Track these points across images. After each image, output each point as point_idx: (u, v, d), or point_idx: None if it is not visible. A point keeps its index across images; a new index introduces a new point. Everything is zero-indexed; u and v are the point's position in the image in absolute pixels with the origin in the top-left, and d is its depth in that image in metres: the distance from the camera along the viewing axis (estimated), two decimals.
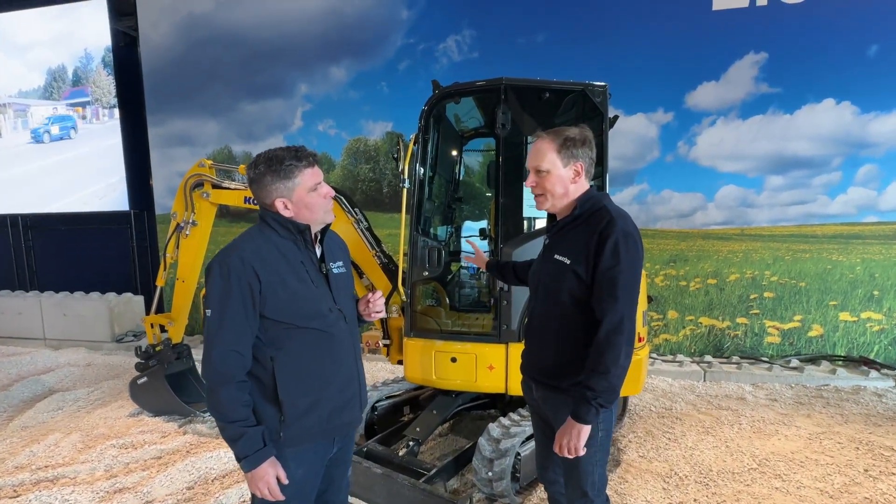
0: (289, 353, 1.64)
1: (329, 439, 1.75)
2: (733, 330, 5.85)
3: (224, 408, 1.55)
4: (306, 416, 1.66)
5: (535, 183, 1.82)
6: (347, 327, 1.77)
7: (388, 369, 5.69)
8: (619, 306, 1.64)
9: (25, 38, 8.34)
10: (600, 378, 1.63)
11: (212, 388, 1.57)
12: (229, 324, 1.55)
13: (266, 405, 1.63)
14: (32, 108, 8.50)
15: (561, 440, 1.71)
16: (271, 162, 1.62)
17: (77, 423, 4.38)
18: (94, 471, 3.47)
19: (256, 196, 1.69)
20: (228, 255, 1.58)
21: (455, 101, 3.65)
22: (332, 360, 1.72)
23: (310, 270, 1.69)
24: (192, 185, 4.24)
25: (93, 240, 8.75)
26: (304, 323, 1.64)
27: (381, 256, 3.90)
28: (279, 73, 7.26)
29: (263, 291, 1.57)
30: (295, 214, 1.67)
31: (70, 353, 6.91)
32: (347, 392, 1.77)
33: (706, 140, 5.86)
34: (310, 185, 1.65)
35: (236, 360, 1.57)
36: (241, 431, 1.55)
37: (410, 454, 3.11)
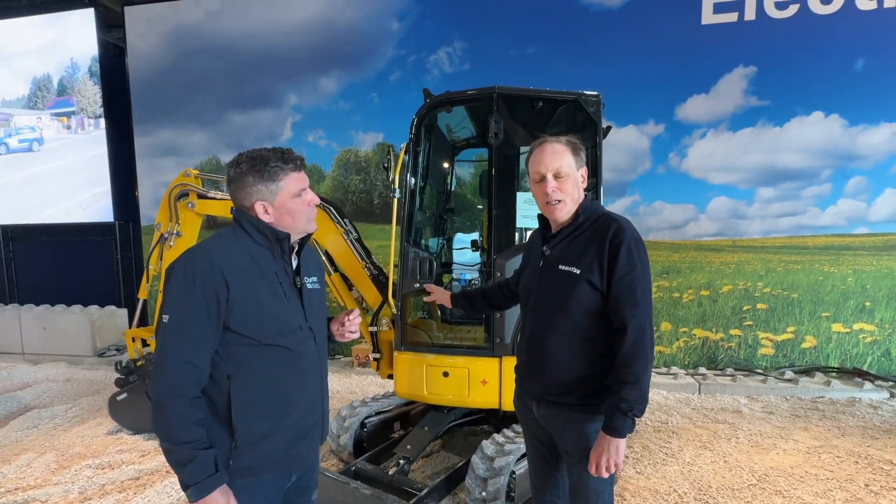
0: (249, 372, 1.47)
1: (285, 471, 1.58)
2: (727, 342, 5.81)
3: (173, 427, 1.37)
4: (261, 445, 1.48)
5: (556, 188, 1.72)
6: (317, 348, 1.62)
7: (378, 383, 5.56)
8: (640, 312, 1.62)
9: (12, 48, 8.22)
10: (632, 388, 1.58)
11: (161, 403, 1.38)
12: (189, 332, 1.39)
13: (217, 429, 1.45)
14: (15, 118, 8.35)
15: (598, 459, 1.62)
16: (255, 162, 1.49)
17: (52, 441, 4.20)
18: (67, 493, 3.30)
19: (234, 197, 1.55)
20: (195, 257, 1.44)
21: (447, 110, 3.60)
22: (296, 383, 1.55)
23: (283, 283, 1.54)
24: (176, 195, 4.14)
25: (76, 251, 8.55)
26: (272, 340, 1.49)
27: (371, 268, 3.82)
28: (268, 83, 7.20)
29: (231, 300, 1.42)
30: (275, 220, 1.53)
31: (49, 368, 6.69)
32: (309, 420, 1.60)
33: (697, 152, 5.88)
34: (294, 191, 1.53)
35: (192, 373, 1.40)
36: (191, 454, 1.36)
37: (401, 473, 2.99)
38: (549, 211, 1.77)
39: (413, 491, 2.77)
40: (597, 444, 1.64)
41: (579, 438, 1.73)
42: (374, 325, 3.74)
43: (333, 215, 3.87)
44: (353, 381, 5.74)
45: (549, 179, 1.72)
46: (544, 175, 1.73)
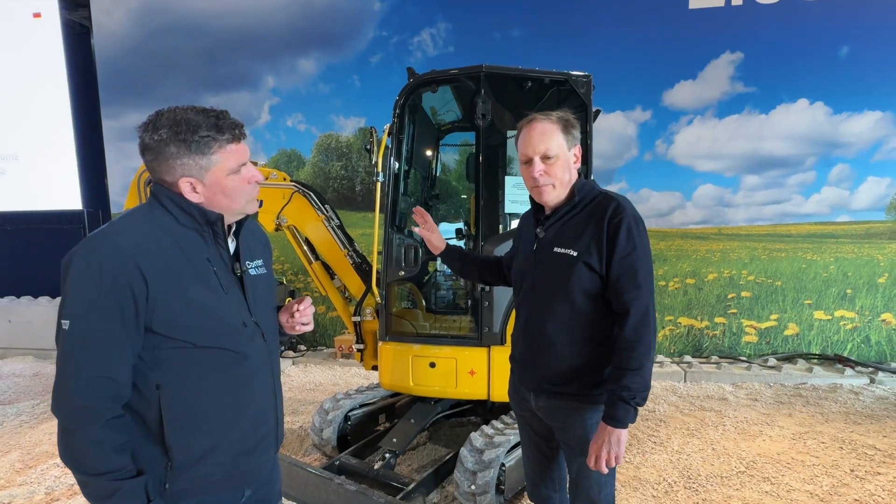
0: (182, 380, 1.21)
1: (236, 486, 1.34)
2: (712, 330, 5.83)
3: (85, 456, 1.10)
4: (202, 464, 1.24)
5: (544, 171, 1.60)
6: (265, 346, 1.37)
7: (362, 375, 5.44)
8: (643, 294, 1.52)
9: None
10: (635, 375, 1.49)
11: (67, 428, 1.11)
12: (98, 341, 1.12)
13: (148, 447, 1.20)
14: None
15: (598, 451, 1.53)
16: (180, 128, 1.17)
17: (17, 439, 3.98)
18: (32, 494, 3.12)
19: (152, 169, 1.23)
20: (101, 245, 1.14)
21: (432, 90, 3.46)
22: (242, 389, 1.30)
23: (219, 271, 1.27)
24: (146, 180, 3.93)
25: (43, 241, 8.17)
26: (209, 342, 1.23)
27: (354, 256, 3.68)
28: (244, 64, 6.91)
29: (152, 297, 1.14)
30: (206, 200, 1.24)
31: (15, 363, 6.42)
32: (261, 430, 1.36)
33: (684, 139, 5.85)
34: (231, 166, 1.23)
35: (107, 388, 1.12)
36: (112, 487, 1.10)
37: (387, 467, 2.89)
38: (537, 194, 1.67)
39: (400, 485, 2.67)
40: (597, 436, 1.55)
41: (581, 430, 1.64)
42: (358, 315, 3.61)
43: (314, 202, 3.71)
44: (336, 373, 5.60)
45: (536, 162, 1.60)
46: (531, 157, 1.61)
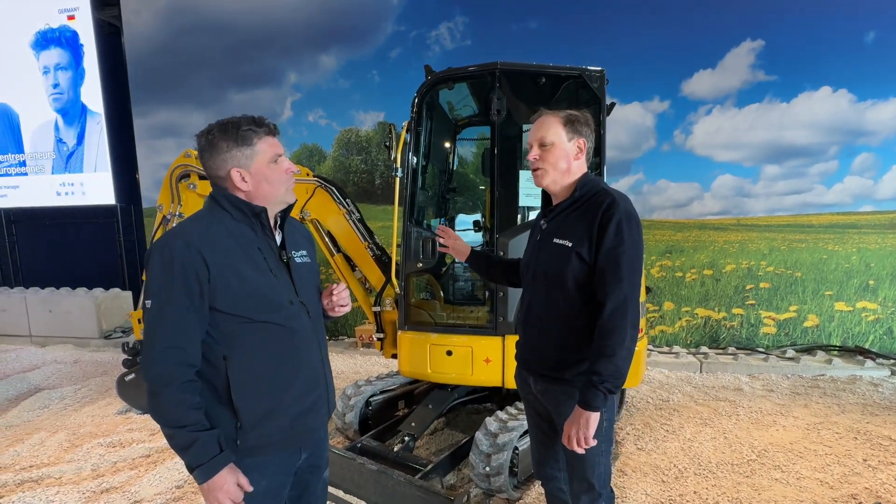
0: (244, 351, 1.44)
1: (294, 447, 1.56)
2: (729, 321, 5.83)
3: (170, 412, 1.34)
4: (265, 423, 1.46)
5: (539, 156, 1.73)
6: (311, 323, 1.58)
7: (382, 363, 5.61)
8: (623, 286, 1.59)
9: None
10: (606, 361, 1.57)
11: (154, 390, 1.35)
12: (173, 318, 1.35)
13: (220, 410, 1.43)
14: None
15: (569, 431, 1.63)
16: (227, 127, 1.43)
17: (63, 421, 4.26)
18: (80, 470, 3.37)
19: (208, 168, 1.47)
20: (173, 239, 1.38)
21: (449, 87, 3.54)
22: (293, 358, 1.52)
23: (268, 258, 1.49)
24: (178, 176, 4.11)
25: (79, 234, 8.56)
26: (262, 317, 1.45)
27: (374, 248, 3.82)
28: (267, 61, 7.10)
29: (213, 280, 1.37)
30: (252, 189, 1.46)
31: (56, 350, 6.77)
32: (312, 395, 1.57)
33: (702, 129, 5.82)
34: (270, 156, 1.47)
35: (180, 357, 1.36)
36: (191, 437, 1.33)
37: (405, 450, 3.04)
38: (535, 179, 1.78)
39: (418, 467, 2.81)
40: (570, 417, 1.65)
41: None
42: (378, 306, 3.75)
43: (336, 196, 3.85)
44: (357, 362, 5.79)
45: (534, 148, 1.74)
46: (531, 144, 1.74)
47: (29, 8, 7.78)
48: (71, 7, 7.60)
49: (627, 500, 2.85)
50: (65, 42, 7.74)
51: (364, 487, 2.76)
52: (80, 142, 7.89)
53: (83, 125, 7.84)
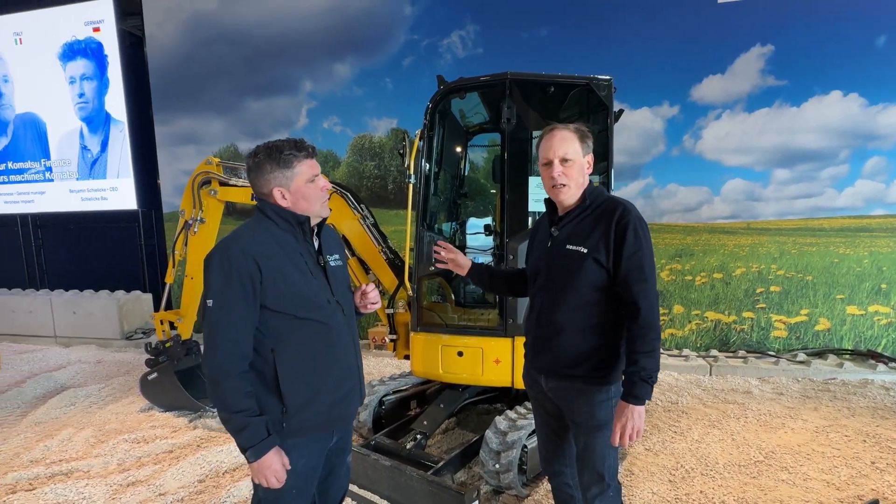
0: (289, 345, 1.63)
1: (329, 431, 1.76)
2: (739, 324, 5.84)
3: (227, 399, 1.54)
4: (307, 408, 1.66)
5: (562, 172, 1.82)
6: (346, 320, 1.77)
7: (394, 365, 5.72)
8: (649, 286, 1.72)
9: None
10: (649, 357, 1.68)
11: (215, 379, 1.55)
12: (231, 315, 1.55)
13: (268, 397, 1.62)
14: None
15: (622, 429, 1.70)
16: (271, 151, 1.63)
17: (89, 418, 4.44)
18: (107, 465, 3.52)
19: (254, 185, 1.69)
20: (229, 246, 1.58)
21: (460, 97, 3.66)
22: (331, 352, 1.71)
23: (308, 262, 1.69)
24: (199, 182, 4.27)
25: (101, 238, 8.83)
26: (304, 314, 1.64)
27: (388, 252, 3.92)
28: (283, 70, 7.29)
29: (264, 282, 1.57)
30: (292, 205, 1.67)
31: (80, 351, 7.00)
32: (347, 384, 1.77)
33: (712, 133, 5.85)
34: (308, 176, 1.66)
35: (238, 350, 1.56)
36: (245, 422, 1.54)
37: (418, 447, 3.14)
38: (555, 194, 1.87)
39: (430, 463, 2.90)
40: (619, 415, 1.72)
41: (587, 408, 1.84)
42: (391, 308, 3.86)
43: (350, 201, 3.97)
44: (370, 363, 5.91)
45: (555, 164, 1.82)
46: (551, 160, 1.82)
47: (57, 21, 8.09)
48: (97, 19, 7.89)
49: (635, 498, 2.92)
50: (90, 53, 8.03)
51: (378, 482, 2.87)
52: (104, 149, 8.16)
53: (107, 133, 8.11)
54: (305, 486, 1.74)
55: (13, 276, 9.01)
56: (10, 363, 6.08)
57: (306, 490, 1.75)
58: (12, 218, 8.97)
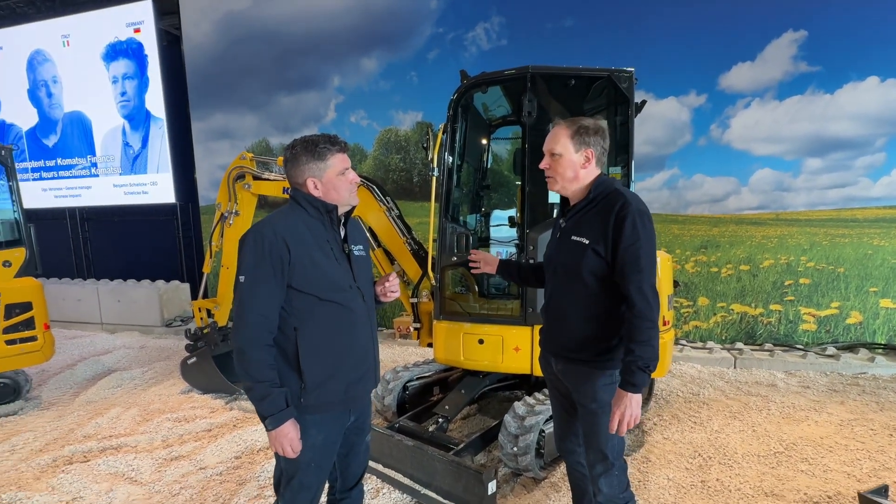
0: (311, 324, 1.73)
1: (346, 410, 1.86)
2: (766, 317, 5.74)
3: (253, 369, 1.65)
4: (324, 386, 1.76)
5: (549, 165, 1.95)
6: (365, 306, 1.87)
7: (418, 353, 5.87)
8: (645, 278, 1.77)
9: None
10: (646, 347, 1.76)
11: (242, 349, 1.65)
12: (261, 290, 1.66)
13: (288, 372, 1.73)
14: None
15: (620, 416, 1.78)
16: (307, 144, 1.76)
17: (135, 398, 4.75)
18: (152, 441, 3.79)
19: (290, 176, 1.81)
20: (263, 228, 1.70)
21: (482, 91, 3.73)
22: (350, 334, 1.81)
23: (334, 249, 1.80)
24: (234, 176, 4.49)
25: (143, 231, 9.28)
26: (327, 296, 1.74)
27: (412, 243, 4.05)
28: (312, 66, 7.49)
29: (293, 263, 1.67)
30: (323, 194, 1.79)
31: (125, 337, 7.42)
32: (363, 367, 1.87)
33: (740, 123, 5.74)
34: (339, 169, 1.78)
35: (265, 324, 1.67)
36: (267, 391, 1.64)
37: (439, 430, 3.27)
38: (548, 184, 1.99)
39: (451, 445, 3.04)
40: (617, 403, 1.80)
41: (591, 390, 1.93)
42: (415, 297, 3.99)
43: (376, 193, 4.10)
44: (395, 351, 6.08)
45: (545, 157, 1.95)
46: (545, 152, 1.95)
47: (101, 22, 8.50)
48: (137, 21, 8.25)
49: (650, 484, 2.98)
50: (131, 53, 8.41)
51: (401, 462, 3.02)
52: (145, 145, 8.56)
53: (147, 130, 8.50)
54: (323, 460, 1.84)
55: (63, 267, 9.57)
56: (62, 348, 6.50)
57: (324, 464, 1.85)
58: (62, 212, 9.51)
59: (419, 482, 2.90)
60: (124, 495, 3.03)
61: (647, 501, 2.80)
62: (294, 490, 1.80)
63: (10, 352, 4.27)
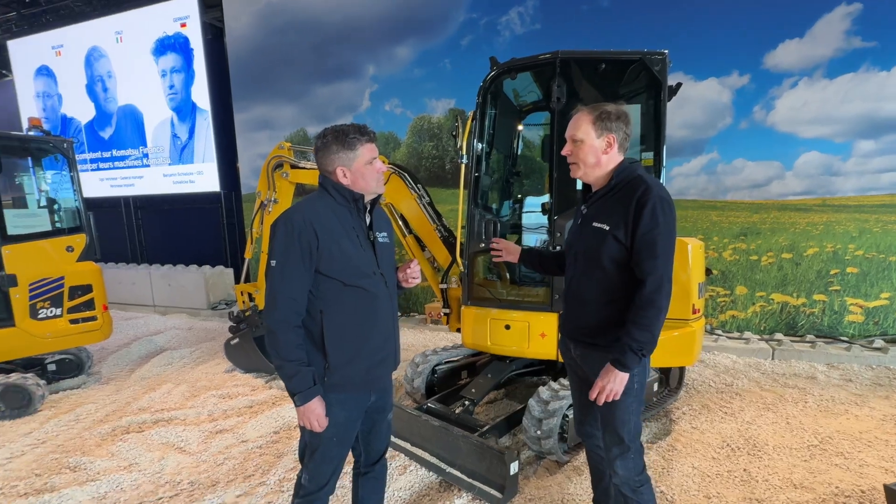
0: (336, 308, 1.82)
1: (366, 390, 1.95)
2: (809, 307, 5.51)
3: (283, 349, 1.75)
4: (347, 367, 1.85)
5: (571, 151, 1.96)
6: (388, 291, 1.95)
7: (448, 338, 5.98)
8: (660, 264, 1.79)
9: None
10: (643, 330, 1.79)
11: (273, 330, 1.75)
12: (290, 274, 1.74)
13: (315, 353, 1.83)
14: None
15: (601, 387, 1.84)
16: (338, 134, 1.82)
17: (184, 376, 5.08)
18: (199, 415, 4.07)
19: (320, 164, 1.87)
20: (293, 214, 1.77)
21: (511, 77, 3.72)
22: (372, 318, 1.89)
23: (359, 235, 1.87)
24: (273, 166, 4.67)
25: (189, 218, 9.75)
26: (352, 281, 1.82)
27: (442, 230, 4.12)
28: (348, 55, 7.61)
29: (320, 248, 1.75)
30: (351, 183, 1.85)
31: (174, 319, 7.88)
32: (384, 350, 1.95)
33: (786, 103, 5.47)
34: (367, 158, 1.85)
35: (294, 306, 1.76)
36: (296, 370, 1.75)
37: (465, 412, 3.37)
38: (570, 170, 2.00)
39: (476, 427, 3.13)
40: (603, 374, 1.85)
41: None
42: (445, 283, 4.07)
43: (408, 181, 4.18)
44: (426, 336, 6.22)
45: (568, 144, 1.96)
46: (567, 139, 1.96)
47: (150, 18, 8.90)
48: (183, 16, 8.60)
49: (673, 471, 2.98)
50: (178, 47, 8.78)
51: (428, 441, 3.14)
52: (191, 136, 8.96)
53: (193, 121, 8.89)
54: (345, 436, 1.94)
55: (119, 252, 10.20)
56: (119, 328, 6.97)
57: (346, 440, 1.95)
58: (117, 200, 10.11)
59: (445, 461, 3.02)
60: (174, 464, 3.28)
61: (669, 488, 2.81)
62: (317, 462, 1.92)
63: (73, 330, 4.63)
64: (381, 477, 2.22)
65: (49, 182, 4.96)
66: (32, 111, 10.61)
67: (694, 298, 3.34)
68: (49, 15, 10.10)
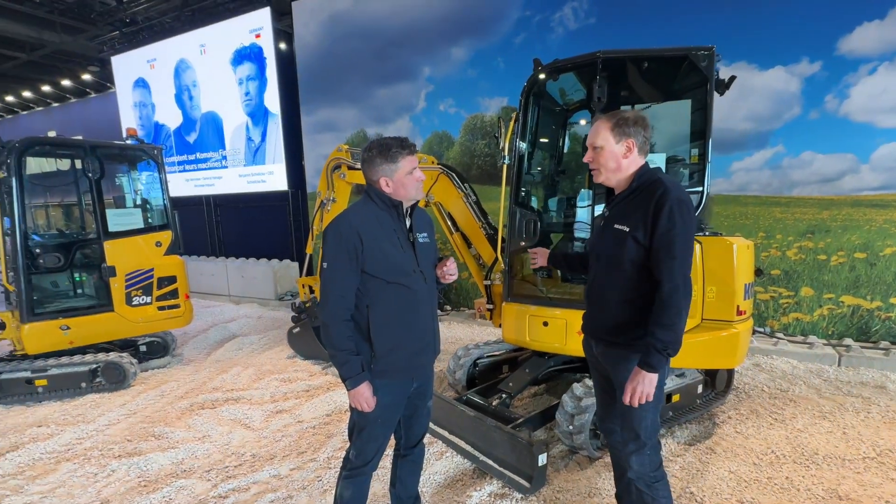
0: (380, 303, 2.02)
1: (409, 377, 2.15)
2: (885, 311, 5.07)
3: (335, 339, 1.98)
4: (391, 355, 2.06)
5: (592, 158, 2.05)
6: (427, 287, 2.14)
7: (494, 333, 6.08)
8: (677, 265, 1.84)
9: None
10: (666, 330, 1.85)
11: (325, 323, 1.99)
12: (340, 275, 1.96)
13: (362, 343, 2.04)
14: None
15: (632, 391, 1.92)
16: (382, 148, 2.01)
17: (252, 360, 5.57)
18: (262, 396, 4.48)
19: (365, 173, 2.08)
20: (340, 222, 2.00)
21: (553, 79, 3.77)
22: (412, 311, 2.09)
23: (400, 238, 2.06)
24: (332, 167, 5.00)
25: (261, 215, 10.50)
26: (393, 279, 2.02)
27: (487, 228, 4.24)
28: (406, 58, 7.87)
29: (365, 251, 1.96)
30: (393, 191, 2.04)
31: (246, 308, 8.56)
32: (424, 340, 2.15)
33: (863, 91, 5.05)
34: (408, 169, 2.03)
35: (343, 303, 1.99)
36: (347, 358, 1.98)
37: (502, 405, 3.49)
38: (593, 176, 2.07)
39: (511, 419, 3.25)
40: (632, 377, 1.92)
41: (627, 372, 2.01)
42: (489, 280, 4.20)
43: (455, 181, 4.34)
44: (474, 331, 6.37)
45: (589, 151, 2.04)
46: (588, 146, 2.04)
47: (229, 31, 9.65)
48: (258, 27, 9.26)
49: (708, 474, 2.95)
50: (253, 57, 9.46)
51: (464, 430, 3.31)
52: (264, 139, 9.64)
53: (265, 125, 9.56)
54: (389, 418, 2.16)
55: (200, 246, 11.18)
56: (199, 315, 7.68)
57: (389, 422, 2.18)
58: (199, 199, 11.08)
59: (479, 450, 3.17)
60: (240, 438, 3.67)
61: (700, 489, 2.79)
62: (364, 440, 2.15)
63: (160, 316, 5.23)
64: (419, 460, 2.43)
65: (142, 184, 5.60)
66: (131, 120, 11.85)
67: (739, 300, 3.24)
68: (145, 32, 11.21)
